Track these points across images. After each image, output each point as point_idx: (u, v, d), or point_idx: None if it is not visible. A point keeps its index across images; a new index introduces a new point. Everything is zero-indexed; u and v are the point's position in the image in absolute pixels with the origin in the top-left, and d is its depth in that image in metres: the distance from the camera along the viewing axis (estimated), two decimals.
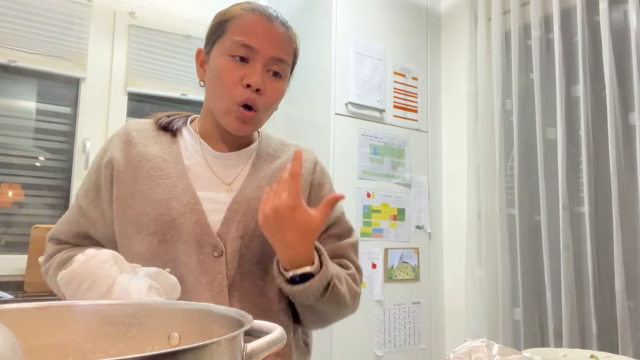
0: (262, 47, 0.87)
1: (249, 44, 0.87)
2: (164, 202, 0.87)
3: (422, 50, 2.37)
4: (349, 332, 1.92)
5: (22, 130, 2.06)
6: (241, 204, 0.90)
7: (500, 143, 2.06)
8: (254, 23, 0.88)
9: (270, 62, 0.88)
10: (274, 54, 0.88)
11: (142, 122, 1.00)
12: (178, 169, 0.91)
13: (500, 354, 0.73)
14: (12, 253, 1.96)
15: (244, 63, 0.87)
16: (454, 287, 2.25)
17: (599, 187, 1.78)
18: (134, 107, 2.29)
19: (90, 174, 0.97)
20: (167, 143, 0.95)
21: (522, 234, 1.96)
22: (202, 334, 0.48)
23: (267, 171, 0.96)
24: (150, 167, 0.91)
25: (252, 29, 0.88)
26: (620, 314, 1.61)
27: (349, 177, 2.03)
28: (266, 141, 1.02)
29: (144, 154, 0.92)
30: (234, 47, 0.87)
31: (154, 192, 0.88)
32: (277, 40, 0.89)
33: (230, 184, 0.93)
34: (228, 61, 0.87)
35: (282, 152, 1.02)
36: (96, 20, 2.20)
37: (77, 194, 0.98)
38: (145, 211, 0.87)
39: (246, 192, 0.92)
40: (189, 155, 0.94)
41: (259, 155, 0.98)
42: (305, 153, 1.02)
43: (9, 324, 0.37)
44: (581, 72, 1.81)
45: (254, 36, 0.87)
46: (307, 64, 2.24)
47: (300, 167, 0.80)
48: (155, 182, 0.89)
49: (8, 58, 1.99)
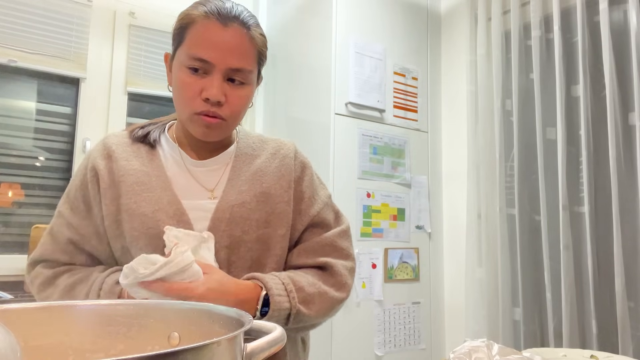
0: (217, 59, 0.85)
1: (204, 57, 0.84)
2: (150, 215, 0.87)
3: (422, 50, 2.37)
4: (349, 332, 1.92)
5: (22, 130, 2.06)
6: (224, 212, 0.90)
7: (500, 143, 2.06)
8: (208, 33, 0.85)
9: (229, 72, 0.86)
10: (231, 65, 0.86)
11: (119, 135, 0.98)
12: (161, 181, 0.91)
13: (500, 354, 0.73)
14: (12, 253, 1.96)
15: (203, 75, 0.86)
16: (454, 287, 2.25)
17: (599, 187, 1.78)
18: (134, 107, 2.29)
19: (74, 191, 0.94)
20: (147, 155, 0.94)
21: (522, 234, 1.96)
22: (202, 334, 0.48)
23: (247, 174, 0.95)
24: (133, 182, 0.90)
25: (206, 40, 0.85)
26: (620, 314, 1.61)
27: (349, 177, 2.03)
28: (244, 141, 1.01)
29: (125, 168, 0.91)
30: (190, 60, 0.85)
31: (139, 207, 0.88)
32: (234, 50, 0.86)
33: (212, 190, 0.93)
34: (185, 74, 0.86)
35: (261, 149, 1.01)
36: (96, 20, 2.20)
37: (59, 210, 0.94)
38: (133, 226, 0.87)
39: (228, 199, 0.91)
40: (169, 166, 0.93)
41: (238, 157, 0.97)
42: (284, 148, 1.01)
43: (9, 324, 0.37)
44: (581, 72, 1.81)
45: (208, 49, 0.84)
46: (307, 64, 2.24)
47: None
48: (139, 196, 0.89)
49: (8, 58, 1.99)
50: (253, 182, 0.94)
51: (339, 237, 0.99)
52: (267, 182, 0.95)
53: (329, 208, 1.02)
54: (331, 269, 0.95)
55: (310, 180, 1.01)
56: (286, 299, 0.85)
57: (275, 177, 0.96)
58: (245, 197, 0.92)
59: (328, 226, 1.00)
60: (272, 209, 0.93)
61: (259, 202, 0.93)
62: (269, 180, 0.96)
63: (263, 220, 0.92)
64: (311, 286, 0.90)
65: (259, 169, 0.96)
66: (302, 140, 1.09)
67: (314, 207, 0.98)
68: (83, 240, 0.92)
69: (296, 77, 2.30)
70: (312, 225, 0.99)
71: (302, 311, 0.86)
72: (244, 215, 0.90)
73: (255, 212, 0.91)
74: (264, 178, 0.96)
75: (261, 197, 0.93)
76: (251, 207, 0.92)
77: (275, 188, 0.95)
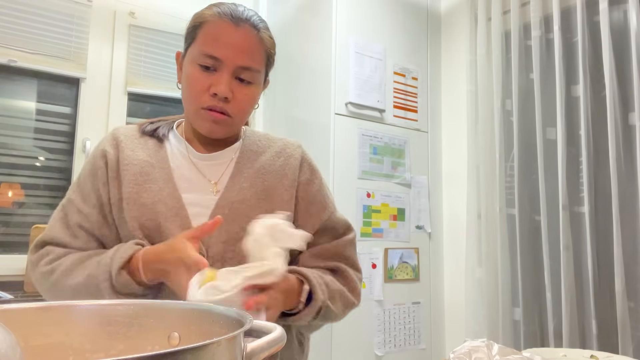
0: (228, 57, 0.88)
1: (215, 55, 0.88)
2: (150, 206, 0.88)
3: (422, 50, 2.37)
4: (349, 332, 1.92)
5: (22, 130, 2.06)
6: (224, 208, 0.90)
7: (500, 143, 2.06)
8: (220, 31, 0.88)
9: (238, 70, 0.89)
10: (240, 63, 0.88)
11: (128, 127, 1.01)
12: (164, 173, 0.92)
13: (500, 354, 0.73)
14: (12, 253, 1.96)
15: (212, 72, 0.89)
16: (454, 287, 2.25)
17: (599, 187, 1.78)
18: (134, 107, 2.29)
19: (83, 178, 0.95)
20: (153, 148, 0.96)
21: (522, 234, 1.96)
22: (202, 334, 0.48)
23: (250, 171, 0.96)
24: (137, 172, 0.92)
25: (218, 38, 0.88)
26: (620, 314, 1.61)
27: (349, 177, 2.03)
28: (251, 138, 1.02)
29: (130, 158, 0.93)
30: (201, 57, 0.89)
31: (140, 197, 0.89)
32: (244, 49, 0.89)
33: (216, 183, 0.94)
34: (196, 69, 0.89)
35: (266, 147, 1.02)
36: (96, 20, 2.20)
37: (70, 198, 0.94)
38: (134, 215, 0.88)
39: (229, 195, 0.92)
40: (174, 159, 0.95)
41: (243, 153, 0.98)
42: (290, 147, 1.02)
43: (9, 324, 0.37)
44: (581, 72, 1.81)
45: (219, 47, 0.88)
46: (307, 64, 2.24)
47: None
48: (141, 186, 0.90)
49: (8, 58, 1.99)
50: (255, 179, 0.95)
51: (348, 246, 1.00)
52: (269, 180, 0.96)
53: (337, 214, 1.03)
54: (343, 273, 0.97)
55: (320, 183, 1.02)
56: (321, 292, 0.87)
57: (278, 176, 0.97)
58: (246, 194, 0.92)
59: (337, 232, 1.00)
60: (272, 208, 0.93)
61: (260, 199, 0.93)
62: (271, 179, 0.96)
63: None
64: (333, 283, 0.92)
65: (262, 167, 0.97)
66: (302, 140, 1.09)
67: (326, 212, 0.99)
68: (93, 227, 0.91)
69: (296, 77, 2.30)
70: (322, 229, 0.99)
71: (330, 306, 0.88)
72: (244, 212, 0.91)
73: (255, 210, 0.91)
74: (267, 176, 0.96)
75: (262, 194, 0.94)
76: (251, 204, 0.92)
77: (276, 187, 0.96)
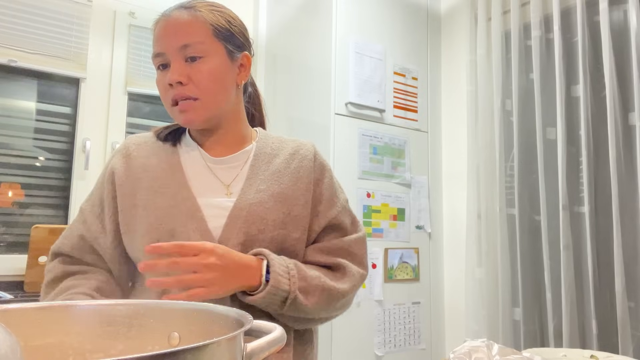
0: (166, 46, 0.90)
1: (158, 51, 0.91)
2: (165, 210, 0.89)
3: (422, 50, 2.37)
4: (349, 332, 1.92)
5: (22, 130, 2.06)
6: (242, 210, 0.90)
7: (500, 143, 2.06)
8: (158, 30, 0.92)
9: (181, 52, 0.89)
10: (178, 44, 0.89)
11: (141, 135, 1.03)
12: (178, 177, 0.93)
13: (500, 354, 0.73)
14: (12, 253, 1.96)
15: (167, 68, 0.91)
16: (454, 287, 2.25)
17: (599, 187, 1.78)
18: (134, 107, 2.29)
19: (95, 190, 0.99)
20: (166, 153, 0.97)
21: (522, 234, 1.96)
22: (202, 334, 0.48)
23: (265, 173, 0.96)
24: (150, 178, 0.93)
25: (157, 36, 0.92)
26: (620, 314, 1.61)
27: (349, 177, 2.03)
28: (264, 141, 1.02)
29: (144, 165, 0.95)
30: (154, 61, 0.93)
31: (155, 202, 0.90)
32: (177, 30, 0.90)
33: (229, 186, 0.94)
34: (157, 73, 0.94)
35: (280, 149, 1.01)
36: (96, 20, 2.20)
37: (82, 207, 0.99)
38: (149, 221, 0.89)
39: (246, 197, 0.92)
40: (188, 163, 0.96)
41: (257, 156, 0.98)
42: (303, 149, 1.02)
43: (9, 324, 0.37)
44: (581, 72, 1.81)
45: (159, 42, 0.91)
46: (307, 64, 2.24)
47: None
48: (156, 192, 0.91)
49: (8, 58, 1.99)
50: (271, 182, 0.95)
51: (355, 244, 1.00)
52: (285, 182, 0.96)
53: (346, 212, 1.02)
54: (344, 269, 0.96)
55: (329, 182, 1.02)
56: (286, 282, 0.86)
57: (294, 179, 0.97)
58: (263, 197, 0.92)
59: (344, 230, 1.00)
60: (289, 211, 0.93)
61: (277, 202, 0.93)
62: (287, 181, 0.96)
63: (279, 222, 0.92)
64: (315, 279, 0.90)
65: (278, 170, 0.97)
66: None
67: (332, 210, 0.99)
68: (91, 237, 0.95)
69: (296, 77, 2.30)
70: (329, 227, 0.99)
71: (299, 299, 0.86)
72: (261, 214, 0.90)
73: (272, 212, 0.91)
74: (282, 179, 0.96)
75: (279, 197, 0.93)
76: (268, 206, 0.92)
77: (293, 189, 0.95)
